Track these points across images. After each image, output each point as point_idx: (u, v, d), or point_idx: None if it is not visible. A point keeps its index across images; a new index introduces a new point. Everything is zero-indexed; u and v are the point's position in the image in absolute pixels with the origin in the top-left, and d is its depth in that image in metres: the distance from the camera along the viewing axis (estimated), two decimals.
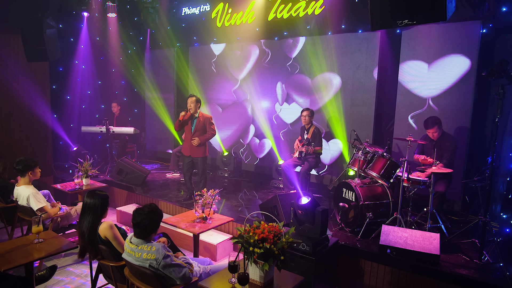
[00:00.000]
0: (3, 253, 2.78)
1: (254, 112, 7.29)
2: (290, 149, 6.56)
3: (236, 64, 7.40)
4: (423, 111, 5.32)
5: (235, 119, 7.58)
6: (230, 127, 7.68)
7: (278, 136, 7.02)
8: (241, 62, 7.32)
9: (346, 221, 4.47)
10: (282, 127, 6.97)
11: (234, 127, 7.63)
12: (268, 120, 7.11)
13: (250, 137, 7.44)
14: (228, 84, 7.60)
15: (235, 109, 7.57)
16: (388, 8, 2.99)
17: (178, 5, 7.76)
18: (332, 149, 6.30)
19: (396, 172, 4.29)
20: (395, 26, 3.07)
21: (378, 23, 3.18)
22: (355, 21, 5.83)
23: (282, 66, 6.79)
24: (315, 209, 3.38)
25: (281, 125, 6.98)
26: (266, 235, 2.39)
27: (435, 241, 3.58)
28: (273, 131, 7.05)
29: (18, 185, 4.07)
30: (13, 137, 6.98)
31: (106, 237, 2.96)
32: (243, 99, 7.43)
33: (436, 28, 5.17)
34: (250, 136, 7.44)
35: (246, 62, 7.26)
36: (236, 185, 6.69)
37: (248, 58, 7.24)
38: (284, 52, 6.75)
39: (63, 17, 7.27)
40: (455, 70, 5.07)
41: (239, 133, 7.59)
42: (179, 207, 5.38)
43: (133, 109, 9.12)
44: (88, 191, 3.15)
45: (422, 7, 2.83)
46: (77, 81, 7.94)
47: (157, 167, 8.09)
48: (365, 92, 5.94)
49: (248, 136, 7.47)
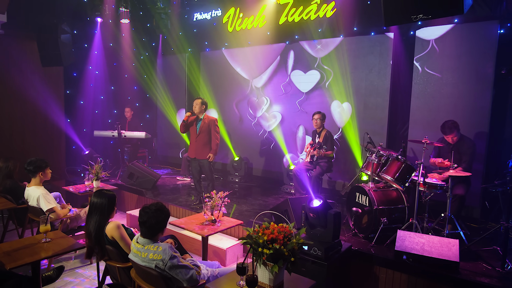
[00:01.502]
0: (10, 251, 2.76)
1: (266, 114, 7.22)
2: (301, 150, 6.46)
3: (248, 67, 7.38)
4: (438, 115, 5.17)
5: (248, 124, 7.52)
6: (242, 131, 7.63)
7: (289, 141, 6.93)
8: (253, 66, 7.29)
9: (360, 226, 4.33)
10: (293, 128, 6.88)
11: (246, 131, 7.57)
12: (281, 123, 7.04)
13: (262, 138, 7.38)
14: (240, 88, 7.56)
15: (248, 113, 7.51)
16: (402, 3, 2.90)
17: (190, 11, 7.81)
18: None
19: (411, 176, 4.15)
20: (410, 21, 2.98)
21: (392, 19, 3.09)
22: (368, 24, 5.75)
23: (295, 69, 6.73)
24: (327, 212, 3.27)
25: (292, 126, 6.89)
26: (276, 235, 2.30)
27: (454, 248, 3.42)
28: (285, 135, 6.97)
29: (29, 185, 4.08)
30: (27, 141, 7.07)
31: (113, 237, 2.91)
32: (256, 103, 7.37)
33: (451, 29, 5.05)
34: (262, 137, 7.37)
35: (258, 66, 7.23)
36: (246, 190, 6.61)
37: (260, 62, 7.20)
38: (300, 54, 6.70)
39: (78, 23, 7.39)
40: (471, 71, 4.92)
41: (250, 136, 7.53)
42: (188, 211, 5.32)
43: (145, 114, 9.17)
44: (96, 190, 3.12)
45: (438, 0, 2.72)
46: (91, 86, 8.04)
47: (168, 172, 8.08)
48: (378, 95, 5.82)
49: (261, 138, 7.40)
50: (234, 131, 7.73)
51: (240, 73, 7.50)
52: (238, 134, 7.68)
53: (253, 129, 7.42)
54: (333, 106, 6.27)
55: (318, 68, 6.41)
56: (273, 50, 7.02)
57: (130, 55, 8.52)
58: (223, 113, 7.87)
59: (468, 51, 4.94)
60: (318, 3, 5.94)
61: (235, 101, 7.67)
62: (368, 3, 5.53)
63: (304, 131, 6.71)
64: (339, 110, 6.21)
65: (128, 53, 8.46)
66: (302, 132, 6.75)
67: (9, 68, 6.68)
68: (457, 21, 4.94)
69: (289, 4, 6.24)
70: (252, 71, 7.33)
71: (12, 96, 6.77)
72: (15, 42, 6.73)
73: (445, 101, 5.19)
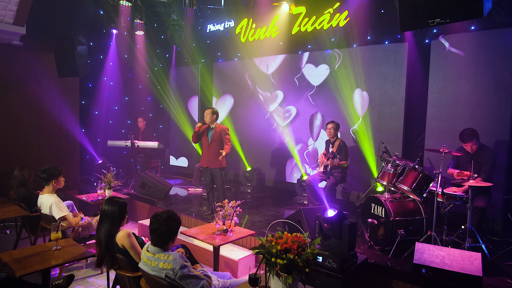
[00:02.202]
0: (21, 258, 2.74)
1: (279, 127, 7.17)
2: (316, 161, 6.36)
3: (261, 78, 7.37)
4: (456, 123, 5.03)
5: (262, 134, 7.47)
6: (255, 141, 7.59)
7: (302, 152, 6.85)
8: (266, 76, 7.29)
9: (375, 238, 4.19)
10: (305, 137, 6.81)
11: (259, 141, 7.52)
12: (293, 134, 6.97)
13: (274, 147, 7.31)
14: (253, 98, 7.55)
15: (261, 124, 7.46)
16: (419, 7, 2.83)
17: (203, 23, 7.90)
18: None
19: (429, 186, 4.01)
20: (427, 26, 2.90)
21: (408, 24, 3.02)
22: (381, 32, 5.69)
23: (307, 79, 6.70)
24: (342, 222, 3.18)
25: (304, 134, 6.82)
26: (290, 245, 2.22)
27: (476, 261, 3.26)
28: (298, 146, 6.90)
29: (42, 193, 4.10)
30: (43, 151, 7.16)
31: (123, 246, 2.87)
32: (269, 113, 7.34)
33: (468, 36, 4.95)
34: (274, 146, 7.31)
35: (270, 76, 7.22)
36: (259, 201, 6.53)
37: (271, 72, 7.20)
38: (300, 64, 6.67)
39: (94, 35, 7.54)
40: (490, 79, 4.79)
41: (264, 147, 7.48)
42: (200, 221, 5.26)
43: (158, 125, 9.23)
44: (107, 198, 3.09)
45: (456, 3, 2.64)
46: (105, 96, 8.15)
47: (180, 182, 8.07)
48: (393, 105, 5.72)
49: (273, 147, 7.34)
50: (247, 141, 7.69)
51: (253, 82, 7.48)
52: (250, 144, 7.63)
53: (266, 139, 7.36)
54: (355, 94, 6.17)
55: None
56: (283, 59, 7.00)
57: (144, 66, 8.64)
58: (236, 124, 7.85)
59: (486, 58, 4.82)
60: (331, 12, 5.93)
61: (248, 112, 7.65)
62: (381, 11, 5.49)
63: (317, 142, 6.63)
64: (359, 100, 6.10)
65: (142, 64, 8.58)
66: (315, 146, 6.68)
67: (26, 79, 6.83)
68: (474, 28, 4.84)
69: (302, 14, 6.25)
70: (264, 80, 7.32)
71: (29, 106, 6.90)
72: (33, 53, 6.90)
73: (463, 110, 5.06)
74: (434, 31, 5.12)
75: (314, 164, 6.65)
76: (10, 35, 6.28)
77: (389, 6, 5.31)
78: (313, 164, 6.68)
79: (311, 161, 6.73)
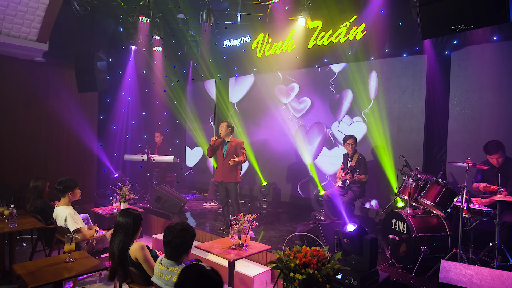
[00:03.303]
0: (34, 270, 2.71)
1: (295, 140, 7.09)
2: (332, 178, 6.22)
3: (277, 92, 7.35)
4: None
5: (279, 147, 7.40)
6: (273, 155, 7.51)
7: (318, 166, 6.72)
8: (282, 90, 7.27)
9: (397, 256, 4.01)
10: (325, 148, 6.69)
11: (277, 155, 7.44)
12: (309, 147, 6.87)
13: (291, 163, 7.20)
14: (269, 113, 7.50)
15: (278, 138, 7.39)
16: (441, 13, 2.74)
17: (220, 38, 8.00)
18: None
19: (453, 201, 3.83)
20: (449, 32, 2.81)
21: (430, 32, 2.93)
22: (399, 45, 5.61)
23: (323, 92, 6.64)
24: (363, 237, 3.04)
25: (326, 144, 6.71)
26: (309, 259, 2.12)
27: (508, 281, 3.05)
28: (315, 159, 6.78)
29: (57, 205, 4.10)
30: (61, 164, 7.27)
31: (136, 259, 2.80)
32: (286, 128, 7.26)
33: (490, 47, 4.82)
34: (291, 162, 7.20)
35: (286, 90, 7.20)
36: (274, 216, 6.40)
37: (287, 86, 7.18)
38: (323, 78, 6.62)
39: (113, 52, 7.73)
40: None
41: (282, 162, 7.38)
42: (215, 235, 5.17)
43: (174, 139, 9.28)
44: (122, 209, 3.05)
45: (480, 8, 2.55)
46: (123, 111, 8.27)
47: (195, 197, 8.02)
48: (413, 118, 5.58)
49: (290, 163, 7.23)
50: (262, 155, 7.62)
51: (270, 96, 7.45)
52: (266, 159, 7.55)
53: (282, 154, 7.27)
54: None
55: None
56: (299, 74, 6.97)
57: (161, 81, 8.76)
58: (251, 137, 7.80)
59: (510, 69, 4.66)
60: (347, 26, 5.90)
61: (263, 125, 7.61)
62: (399, 24, 5.42)
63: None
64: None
65: (159, 80, 8.71)
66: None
67: (47, 94, 7.01)
68: (496, 39, 4.71)
69: (318, 28, 6.24)
70: (280, 94, 7.29)
71: (49, 120, 7.05)
72: (55, 69, 7.09)
73: (486, 122, 4.88)
74: (454, 42, 5.01)
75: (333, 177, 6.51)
76: (33, 51, 6.49)
77: (407, 18, 5.24)
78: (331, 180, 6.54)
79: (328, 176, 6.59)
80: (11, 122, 6.60)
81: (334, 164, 6.47)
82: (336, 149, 6.48)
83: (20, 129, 6.71)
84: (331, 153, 6.55)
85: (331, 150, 6.56)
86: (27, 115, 6.80)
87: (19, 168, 6.66)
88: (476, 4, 2.58)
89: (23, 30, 6.20)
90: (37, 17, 6.18)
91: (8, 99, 6.56)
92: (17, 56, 6.53)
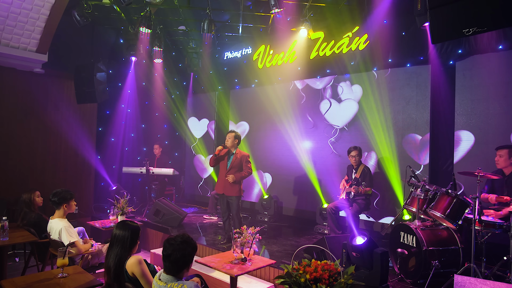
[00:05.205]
0: (23, 286, 2.53)
1: (298, 152, 6.95)
2: None
3: (278, 104, 7.26)
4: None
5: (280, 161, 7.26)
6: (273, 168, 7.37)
7: (321, 178, 6.57)
8: (283, 102, 7.17)
9: (406, 270, 3.83)
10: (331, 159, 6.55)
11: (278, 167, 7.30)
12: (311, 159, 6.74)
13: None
14: (270, 125, 7.40)
15: (279, 151, 7.26)
16: (452, 16, 2.66)
17: (220, 50, 7.96)
18: None
19: (464, 212, 3.68)
20: (461, 35, 2.72)
21: (440, 35, 2.84)
22: (403, 55, 5.54)
23: (325, 103, 6.54)
24: (373, 250, 2.88)
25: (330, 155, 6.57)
26: (320, 274, 1.97)
27: None
28: (317, 171, 6.63)
29: (52, 218, 3.93)
30: (58, 176, 7.10)
31: (133, 274, 2.64)
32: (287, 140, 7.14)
33: (496, 56, 4.76)
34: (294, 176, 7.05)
35: (287, 102, 7.10)
36: (276, 230, 6.20)
37: (288, 98, 7.09)
38: (323, 90, 6.54)
39: (113, 63, 7.66)
40: None
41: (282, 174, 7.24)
42: (215, 250, 4.98)
43: (173, 152, 9.15)
44: (119, 222, 2.90)
45: (496, 9, 2.46)
46: (122, 124, 8.15)
47: (195, 210, 7.83)
48: (417, 128, 5.47)
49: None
50: (264, 168, 7.48)
51: (271, 108, 7.35)
52: (268, 171, 7.40)
53: (284, 167, 7.13)
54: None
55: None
56: (300, 84, 6.90)
57: (161, 94, 8.68)
58: (252, 150, 7.67)
59: None
60: (350, 36, 5.86)
61: (266, 138, 7.49)
62: (403, 34, 5.37)
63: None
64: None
65: (159, 92, 8.63)
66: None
67: (46, 105, 6.90)
68: (502, 48, 4.65)
69: (320, 39, 6.20)
70: (282, 106, 7.20)
71: (47, 132, 6.92)
72: (54, 80, 7.00)
73: (494, 132, 4.77)
74: (459, 51, 4.94)
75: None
76: (33, 62, 6.41)
77: (411, 28, 5.20)
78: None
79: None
80: (8, 133, 6.46)
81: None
82: (337, 158, 6.35)
83: (17, 141, 6.58)
84: (334, 167, 6.42)
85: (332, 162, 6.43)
86: (25, 127, 6.67)
87: (15, 180, 6.49)
88: (491, 6, 2.48)
89: (23, 41, 6.14)
90: (37, 28, 6.13)
91: (6, 110, 6.44)
92: (16, 67, 6.45)
